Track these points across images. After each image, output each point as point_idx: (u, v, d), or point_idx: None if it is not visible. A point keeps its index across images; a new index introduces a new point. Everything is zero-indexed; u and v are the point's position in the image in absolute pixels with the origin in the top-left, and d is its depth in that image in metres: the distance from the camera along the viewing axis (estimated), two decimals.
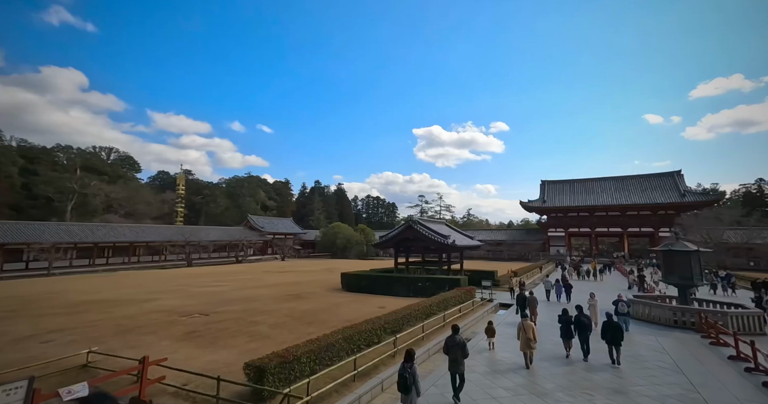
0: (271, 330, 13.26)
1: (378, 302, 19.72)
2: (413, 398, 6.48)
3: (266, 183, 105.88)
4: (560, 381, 8.91)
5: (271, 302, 19.55)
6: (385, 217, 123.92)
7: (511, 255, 61.96)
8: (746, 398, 7.90)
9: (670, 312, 15.22)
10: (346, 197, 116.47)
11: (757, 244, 42.84)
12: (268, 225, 70.22)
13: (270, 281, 30.39)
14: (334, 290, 24.93)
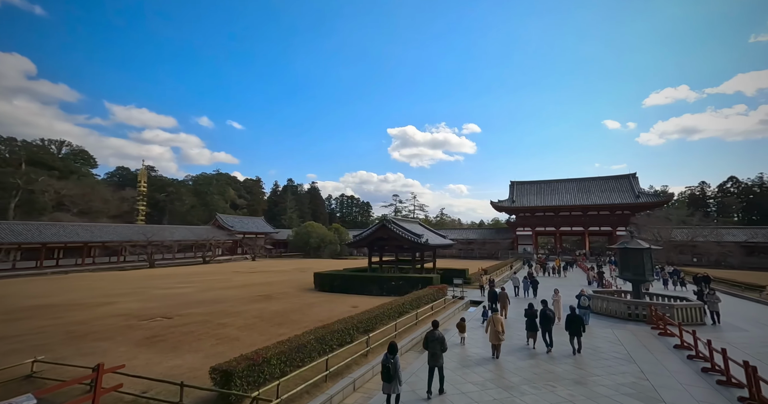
0: (239, 332, 12.85)
1: (351, 301, 19.64)
2: (395, 386, 6.97)
3: (236, 181, 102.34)
4: (525, 374, 9.29)
5: (240, 303, 18.94)
6: (360, 216, 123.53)
7: (481, 254, 63.80)
8: (688, 383, 8.62)
9: (624, 305, 16.29)
10: (319, 195, 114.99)
11: (700, 242, 46.82)
12: (237, 224, 67.94)
13: (239, 281, 29.42)
14: (307, 290, 24.54)
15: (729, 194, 78.63)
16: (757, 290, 23.77)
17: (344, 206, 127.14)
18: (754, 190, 75.70)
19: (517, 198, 65.02)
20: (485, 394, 8.03)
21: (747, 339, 12.81)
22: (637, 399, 7.71)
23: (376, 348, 11.14)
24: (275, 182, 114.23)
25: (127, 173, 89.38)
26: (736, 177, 78.93)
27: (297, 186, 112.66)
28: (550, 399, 7.70)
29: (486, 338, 11.69)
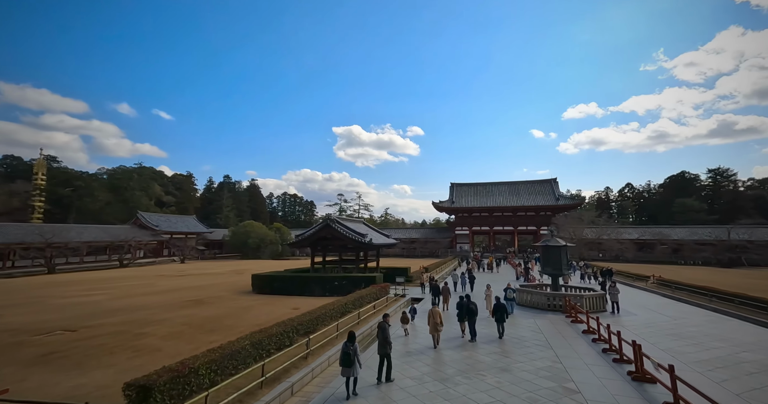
0: (163, 342, 11.64)
1: (292, 303, 19.00)
2: (356, 369, 7.81)
3: (163, 176, 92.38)
4: (459, 365, 9.86)
5: (165, 310, 17.18)
6: (303, 215, 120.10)
7: (423, 252, 66.21)
8: (592, 363, 9.93)
9: (545, 297, 18.18)
10: (260, 194, 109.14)
11: (604, 239, 54.26)
12: (164, 223, 61.46)
13: (164, 286, 26.64)
14: (244, 293, 23.15)
15: (626, 198, 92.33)
16: (644, 279, 28.27)
17: (287, 205, 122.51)
18: (644, 195, 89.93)
19: (457, 199, 68.76)
20: (423, 388, 8.34)
21: (636, 321, 15.15)
22: (551, 380, 8.66)
23: (317, 350, 10.94)
24: (210, 178, 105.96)
25: (19, 163, 75.39)
26: (631, 184, 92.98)
27: (235, 183, 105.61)
28: (480, 388, 8.28)
29: (425, 330, 12.23)
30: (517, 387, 8.29)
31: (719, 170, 79.01)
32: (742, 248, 47.34)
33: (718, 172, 79.23)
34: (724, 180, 78.53)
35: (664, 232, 56.61)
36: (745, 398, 7.61)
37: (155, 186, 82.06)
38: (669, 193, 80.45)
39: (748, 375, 8.97)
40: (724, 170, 78.65)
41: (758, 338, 12.64)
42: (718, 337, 12.61)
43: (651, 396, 7.64)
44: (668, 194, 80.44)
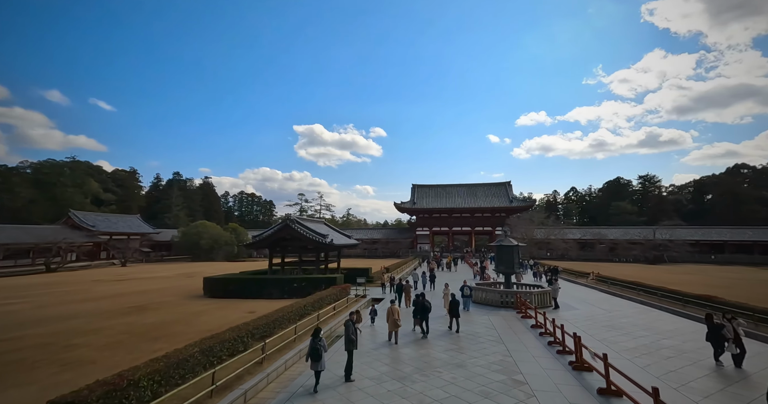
0: (98, 354, 10.60)
1: (248, 306, 18.22)
2: (324, 362, 8.37)
3: (101, 172, 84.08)
4: (417, 363, 10.07)
5: (101, 318, 15.66)
6: (261, 215, 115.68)
7: (385, 252, 66.70)
8: (538, 355, 10.64)
9: (498, 295, 19.14)
10: (214, 192, 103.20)
11: (552, 239, 58.42)
12: (102, 223, 55.99)
13: (101, 292, 24.25)
14: (194, 297, 21.77)
15: (571, 201, 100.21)
16: (585, 276, 30.85)
17: (244, 205, 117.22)
18: (585, 198, 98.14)
19: (418, 200, 70.18)
20: (381, 387, 8.40)
21: (578, 315, 16.49)
22: (502, 373, 9.15)
23: (274, 355, 10.59)
24: (157, 175, 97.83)
25: None
26: (575, 188, 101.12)
27: (186, 181, 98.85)
28: (436, 384, 8.52)
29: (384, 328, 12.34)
30: (471, 381, 8.65)
31: (647, 176, 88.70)
32: (665, 247, 53.41)
33: (646, 178, 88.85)
34: (651, 186, 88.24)
35: (602, 232, 62.25)
36: (663, 379, 8.59)
37: (92, 182, 74.26)
38: (607, 196, 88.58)
39: (666, 360, 10.14)
40: (651, 177, 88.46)
41: (675, 326, 14.33)
42: (644, 327, 14.12)
43: (588, 384, 8.36)
44: (606, 197, 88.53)
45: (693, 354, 10.67)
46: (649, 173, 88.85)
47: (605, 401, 7.47)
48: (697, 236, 57.33)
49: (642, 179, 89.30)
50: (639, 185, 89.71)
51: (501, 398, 7.69)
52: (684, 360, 10.08)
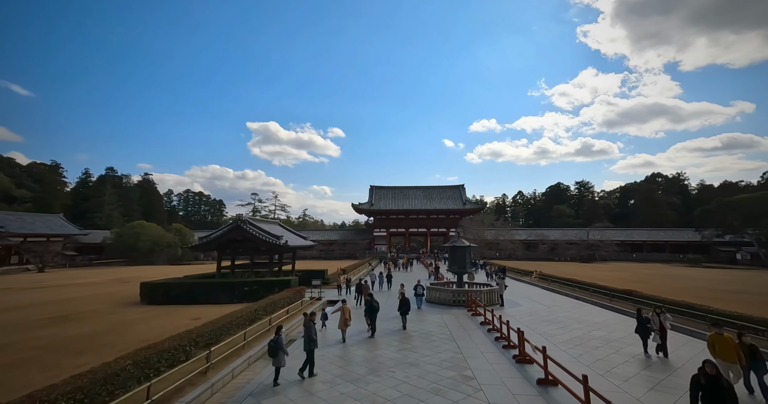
0: (2, 374, 9.21)
1: (193, 313, 16.99)
2: (282, 358, 8.78)
3: (13, 164, 73.43)
4: (370, 364, 10.10)
5: (9, 332, 13.64)
6: (210, 215, 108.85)
7: (342, 254, 66.07)
8: (486, 351, 11.22)
9: (450, 294, 19.86)
10: (155, 190, 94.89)
11: (501, 240, 62.01)
12: (13, 223, 48.82)
13: (11, 302, 21.11)
14: (129, 304, 19.84)
15: (518, 204, 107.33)
16: (529, 274, 33.17)
17: (190, 204, 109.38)
18: (531, 202, 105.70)
19: (376, 201, 70.56)
20: (334, 390, 8.30)
21: (522, 311, 17.66)
22: (452, 370, 9.50)
23: (220, 363, 9.99)
24: (86, 170, 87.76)
25: None
26: (522, 192, 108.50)
27: (121, 177, 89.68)
28: (389, 384, 8.61)
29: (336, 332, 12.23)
30: (423, 379, 8.87)
31: (583, 182, 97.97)
32: (596, 247, 59.22)
33: (582, 184, 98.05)
34: (586, 191, 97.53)
35: (545, 233, 67.41)
36: (592, 367, 9.51)
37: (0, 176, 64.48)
38: (549, 200, 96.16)
39: (595, 349, 11.24)
40: (586, 183, 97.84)
41: (603, 319, 15.94)
42: (578, 320, 15.51)
43: (529, 375, 8.98)
44: (548, 201, 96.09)
45: (617, 343, 11.94)
46: (584, 180, 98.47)
47: (543, 390, 8.08)
48: (622, 237, 64.33)
49: (578, 185, 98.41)
50: (576, 190, 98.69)
51: (451, 394, 7.98)
52: (610, 349, 11.24)
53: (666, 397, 7.78)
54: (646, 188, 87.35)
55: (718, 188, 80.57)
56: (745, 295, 22.08)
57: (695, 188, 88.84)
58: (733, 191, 69.06)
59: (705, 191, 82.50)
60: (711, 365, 5.76)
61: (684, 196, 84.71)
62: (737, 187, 77.51)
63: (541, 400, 7.62)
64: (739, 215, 53.23)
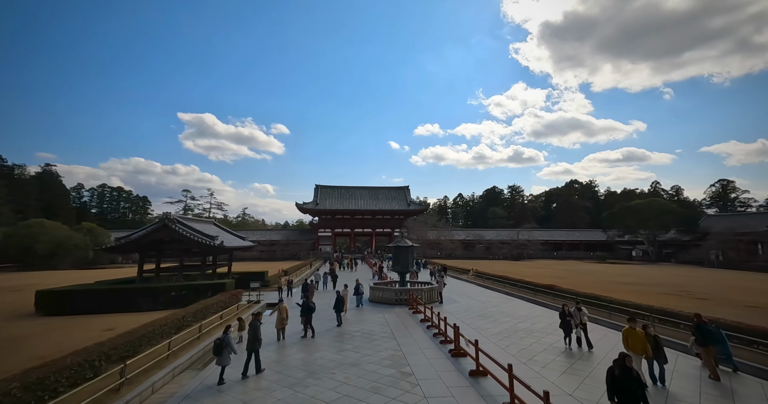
0: None
1: (106, 323, 15.02)
2: (226, 358, 8.85)
3: None
4: (309, 367, 9.85)
5: None
6: (131, 213, 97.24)
7: (284, 255, 63.57)
8: (425, 347, 11.66)
9: (393, 293, 20.25)
10: (60, 184, 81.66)
11: (442, 240, 65.01)
12: None
13: None
14: (20, 317, 16.87)
15: (458, 205, 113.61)
16: (466, 272, 35.27)
17: (107, 201, 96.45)
18: (469, 203, 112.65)
19: (321, 201, 69.24)
20: (270, 397, 7.94)
21: (459, 307, 18.68)
22: (392, 368, 9.70)
23: (138, 377, 8.97)
24: None
25: None
26: (461, 194, 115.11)
27: (14, 168, 75.73)
28: (329, 386, 8.49)
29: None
30: (363, 378, 8.91)
31: (514, 187, 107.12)
32: (525, 246, 65.12)
33: (513, 188, 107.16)
34: (517, 195, 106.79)
35: (481, 233, 72.21)
36: (517, 356, 10.43)
37: None
38: (485, 202, 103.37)
39: (520, 340, 12.35)
40: (517, 187, 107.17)
41: (528, 312, 17.56)
42: (507, 314, 16.88)
43: (463, 368, 9.53)
44: (485, 203, 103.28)
45: (539, 333, 13.24)
46: (515, 184, 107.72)
47: (474, 381, 8.64)
48: (546, 237, 71.60)
49: (511, 189, 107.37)
50: (509, 194, 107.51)
51: (390, 391, 8.14)
52: (532, 339, 12.43)
53: (574, 378, 8.83)
54: (566, 193, 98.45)
55: (620, 195, 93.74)
56: (636, 286, 26.04)
57: (603, 194, 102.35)
58: (631, 198, 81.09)
59: (610, 197, 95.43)
60: (629, 358, 6.08)
61: (595, 201, 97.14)
62: (634, 194, 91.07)
63: (472, 390, 8.14)
64: (634, 218, 62.68)
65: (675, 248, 62.40)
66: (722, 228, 55.66)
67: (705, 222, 63.73)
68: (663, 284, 27.55)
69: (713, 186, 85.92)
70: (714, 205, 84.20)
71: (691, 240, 59.78)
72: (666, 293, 22.84)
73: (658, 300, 17.99)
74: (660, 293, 22.70)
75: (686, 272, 39.81)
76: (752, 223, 54.78)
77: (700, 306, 17.61)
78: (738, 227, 54.09)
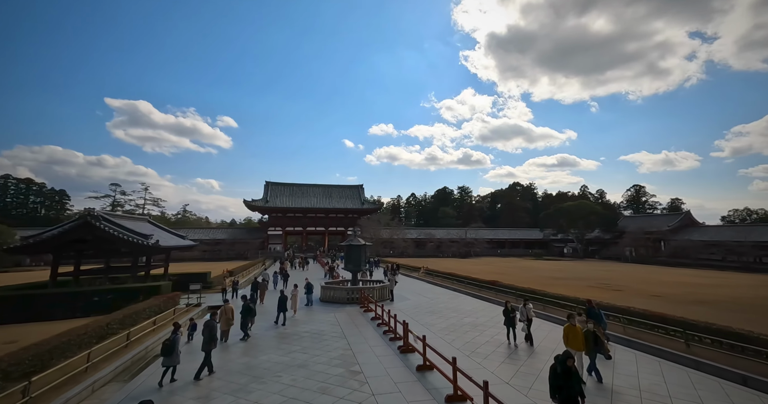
0: None
1: (7, 335, 12.96)
2: (176, 358, 8.72)
3: None
4: (254, 372, 9.41)
5: None
6: (44, 209, 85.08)
7: (231, 254, 59.99)
8: (375, 344, 11.76)
9: (345, 292, 20.12)
10: None
11: (395, 239, 66.09)
12: None
13: None
14: None
15: (411, 205, 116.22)
16: (417, 270, 36.25)
17: (11, 194, 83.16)
18: (422, 203, 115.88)
19: (271, 199, 66.49)
20: None
21: (409, 305, 19.12)
22: (341, 367, 9.63)
23: (47, 395, 7.86)
24: None
25: None
26: (414, 194, 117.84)
27: None
28: (274, 389, 8.18)
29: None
30: (311, 380, 8.73)
31: (464, 188, 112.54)
32: (472, 244, 68.67)
33: (463, 189, 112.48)
34: (466, 196, 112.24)
35: (432, 232, 74.67)
36: (461, 350, 10.96)
37: None
38: (436, 202, 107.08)
39: (465, 334, 12.99)
40: (466, 188, 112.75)
41: (473, 307, 18.54)
42: (454, 309, 17.65)
43: (411, 363, 9.76)
44: (436, 203, 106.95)
45: (482, 327, 14.03)
46: (465, 185, 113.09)
47: (421, 376, 8.91)
48: (491, 236, 76.14)
49: (460, 190, 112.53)
50: (458, 195, 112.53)
51: (338, 390, 8.07)
52: (476, 333, 13.13)
53: (511, 367, 9.51)
54: (509, 194, 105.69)
55: (555, 197, 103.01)
56: (567, 280, 28.82)
57: (541, 196, 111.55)
58: (564, 200, 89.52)
59: (547, 199, 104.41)
60: (572, 360, 6.23)
61: (534, 202, 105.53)
62: (567, 196, 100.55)
63: (418, 385, 8.37)
64: (566, 218, 69.32)
65: (598, 245, 70.00)
66: (634, 228, 63.84)
67: (622, 222, 72.43)
68: (588, 278, 30.81)
69: (629, 190, 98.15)
70: (629, 207, 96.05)
71: (611, 238, 67.56)
72: (590, 286, 25.58)
73: (584, 293, 20.07)
74: (586, 286, 25.35)
75: (606, 267, 44.93)
76: (657, 223, 63.61)
77: (617, 296, 19.99)
78: (647, 227, 62.42)
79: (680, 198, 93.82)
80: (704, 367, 9.73)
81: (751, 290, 24.70)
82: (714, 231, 57.64)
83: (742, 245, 47.08)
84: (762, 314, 16.13)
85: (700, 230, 60.11)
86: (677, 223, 61.55)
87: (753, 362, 9.58)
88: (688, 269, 43.79)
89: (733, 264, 46.08)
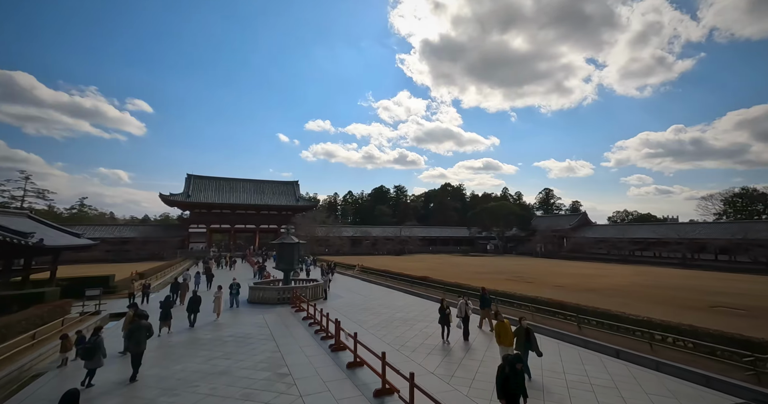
0: None
1: None
2: (98, 360, 8.52)
3: None
4: (165, 383, 8.47)
5: None
6: None
7: (143, 254, 53.00)
8: (305, 344, 11.48)
9: (275, 292, 19.27)
10: None
11: (331, 237, 65.26)
12: None
13: None
14: None
15: (347, 203, 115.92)
16: (352, 268, 36.34)
17: None
18: (359, 201, 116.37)
19: (194, 193, 60.58)
20: None
21: (342, 303, 19.07)
22: (267, 370, 9.20)
23: None
24: None
25: None
26: (351, 192, 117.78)
27: None
28: (189, 401, 7.48)
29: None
30: (233, 387, 8.18)
31: (399, 187, 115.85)
32: (406, 242, 71.13)
33: (399, 188, 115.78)
34: (401, 195, 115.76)
35: (368, 230, 75.48)
36: (391, 344, 11.30)
37: None
38: (373, 201, 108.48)
39: (396, 328, 13.42)
40: (402, 188, 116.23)
41: (405, 302, 19.23)
42: (386, 306, 18.10)
43: (341, 361, 9.75)
44: (373, 201, 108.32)
45: (412, 321, 14.63)
46: (401, 185, 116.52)
47: (351, 373, 8.95)
48: (424, 234, 79.80)
49: (396, 189, 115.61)
50: (394, 193, 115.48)
51: (263, 395, 7.70)
52: (406, 327, 13.65)
53: (437, 358, 10.11)
54: (441, 194, 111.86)
55: (480, 198, 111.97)
56: (489, 275, 31.61)
57: (469, 197, 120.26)
58: (488, 201, 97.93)
59: (474, 199, 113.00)
60: (521, 364, 6.40)
61: (463, 202, 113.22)
62: (490, 197, 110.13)
63: (348, 382, 8.41)
64: (490, 217, 76.04)
65: (516, 242, 78.05)
66: (544, 227, 72.76)
67: (534, 222, 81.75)
68: (506, 272, 34.20)
69: (541, 193, 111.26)
70: (541, 208, 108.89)
71: (526, 236, 75.86)
72: (508, 279, 28.42)
73: (503, 285, 22.20)
74: (504, 279, 28.10)
75: (521, 262, 50.39)
76: (561, 223, 73.34)
77: (530, 287, 22.52)
78: (553, 225, 71.59)
79: (579, 201, 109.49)
80: (591, 345, 11.52)
81: (626, 278, 29.94)
82: (602, 229, 68.41)
83: (622, 241, 56.70)
84: (634, 298, 19.65)
85: (592, 228, 70.77)
86: (576, 223, 71.58)
87: (625, 338, 11.64)
88: (583, 262, 51.34)
89: (615, 257, 55.35)
